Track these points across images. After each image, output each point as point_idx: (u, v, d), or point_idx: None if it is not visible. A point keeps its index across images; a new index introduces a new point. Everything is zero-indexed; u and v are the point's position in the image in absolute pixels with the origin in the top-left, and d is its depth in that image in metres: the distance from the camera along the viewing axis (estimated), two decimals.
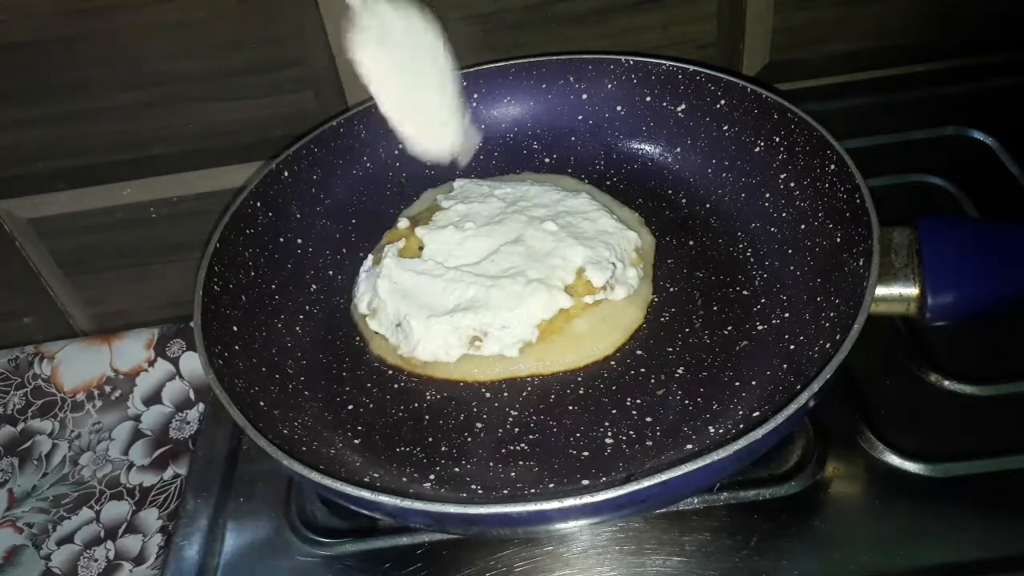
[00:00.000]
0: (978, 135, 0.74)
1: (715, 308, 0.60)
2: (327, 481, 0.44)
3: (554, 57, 0.71)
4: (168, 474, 0.74)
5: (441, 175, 0.70)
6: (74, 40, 0.69)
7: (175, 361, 0.81)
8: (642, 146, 0.71)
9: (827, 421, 0.55)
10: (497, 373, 0.57)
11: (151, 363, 0.81)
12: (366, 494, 0.43)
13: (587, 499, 0.41)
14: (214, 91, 0.74)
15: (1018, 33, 0.78)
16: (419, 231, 0.64)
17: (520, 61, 0.72)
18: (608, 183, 0.70)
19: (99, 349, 0.82)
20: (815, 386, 0.44)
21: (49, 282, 0.84)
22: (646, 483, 0.41)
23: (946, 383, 0.57)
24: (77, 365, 0.82)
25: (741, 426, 0.51)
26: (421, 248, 0.63)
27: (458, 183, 0.68)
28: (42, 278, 0.83)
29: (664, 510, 0.52)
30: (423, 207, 0.68)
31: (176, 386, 0.79)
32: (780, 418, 0.43)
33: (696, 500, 0.53)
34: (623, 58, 0.70)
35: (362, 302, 0.62)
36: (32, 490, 0.74)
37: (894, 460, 0.53)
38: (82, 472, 0.75)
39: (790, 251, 0.60)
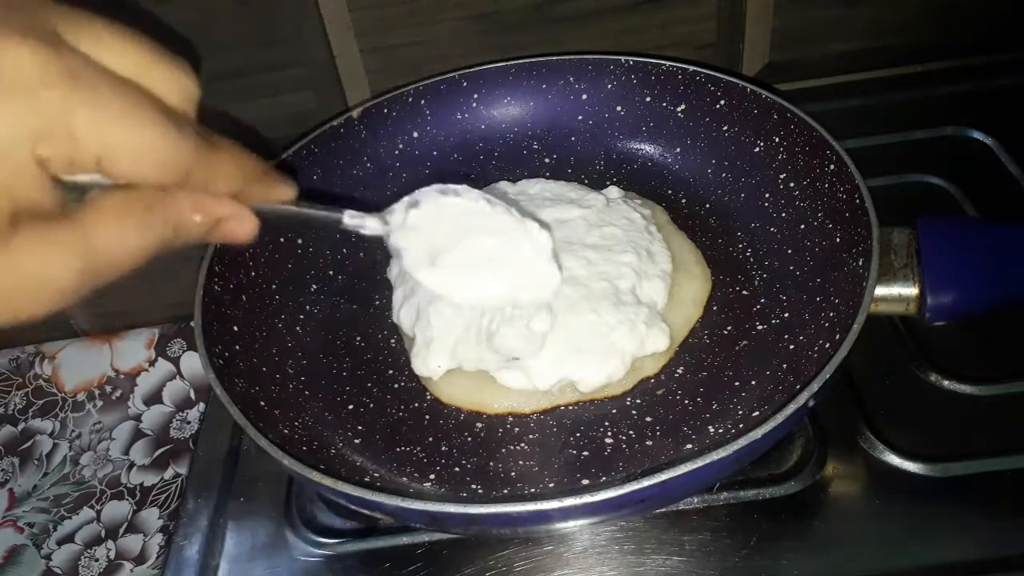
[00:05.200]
0: (978, 135, 0.74)
1: (715, 308, 0.60)
2: (327, 481, 0.44)
3: (554, 57, 0.71)
4: (169, 474, 0.74)
5: (441, 175, 0.70)
6: None
7: (176, 361, 0.81)
8: (642, 146, 0.71)
9: (827, 421, 0.55)
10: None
11: (152, 363, 0.81)
12: (366, 494, 0.43)
13: (587, 499, 0.41)
14: (214, 91, 0.74)
15: (1018, 33, 0.78)
16: None
17: (520, 61, 0.71)
18: (608, 183, 0.70)
19: (100, 349, 0.82)
20: (815, 386, 0.44)
21: None
22: (646, 483, 0.41)
23: (946, 383, 0.57)
24: (78, 365, 0.82)
25: (741, 426, 0.51)
26: None
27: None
28: None
29: (664, 510, 0.53)
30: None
31: (177, 386, 0.79)
32: (780, 418, 0.43)
33: (696, 500, 0.53)
34: (623, 58, 0.70)
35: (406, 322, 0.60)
36: (33, 490, 0.74)
37: (894, 460, 0.53)
38: (83, 472, 0.75)
39: (790, 251, 0.60)
